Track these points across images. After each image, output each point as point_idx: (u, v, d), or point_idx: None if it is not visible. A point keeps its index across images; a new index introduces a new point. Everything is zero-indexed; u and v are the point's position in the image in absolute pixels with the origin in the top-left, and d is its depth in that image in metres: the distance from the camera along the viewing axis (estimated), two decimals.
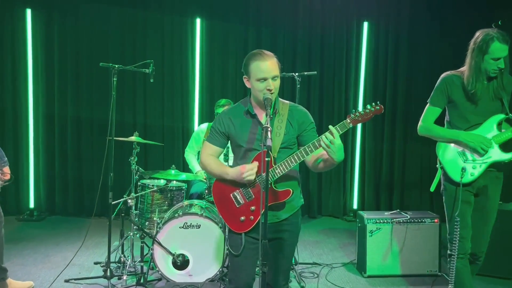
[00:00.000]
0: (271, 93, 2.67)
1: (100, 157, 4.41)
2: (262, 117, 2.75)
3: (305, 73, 4.81)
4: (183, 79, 6.79)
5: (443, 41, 6.80)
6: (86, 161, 6.73)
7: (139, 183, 4.81)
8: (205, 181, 4.77)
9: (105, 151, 4.27)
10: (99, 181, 4.28)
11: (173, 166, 4.68)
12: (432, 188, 3.47)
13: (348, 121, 2.56)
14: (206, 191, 4.71)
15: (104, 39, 6.65)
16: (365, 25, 6.91)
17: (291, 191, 2.68)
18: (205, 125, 5.39)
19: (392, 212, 4.81)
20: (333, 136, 2.47)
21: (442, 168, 3.38)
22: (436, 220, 4.67)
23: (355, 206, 7.07)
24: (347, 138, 6.89)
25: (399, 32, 6.91)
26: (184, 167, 6.37)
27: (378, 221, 4.63)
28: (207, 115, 6.68)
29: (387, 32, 6.93)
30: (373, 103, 2.59)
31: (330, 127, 2.51)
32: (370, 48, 6.93)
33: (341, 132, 2.53)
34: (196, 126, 6.70)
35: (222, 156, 3.71)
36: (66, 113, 6.69)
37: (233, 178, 2.72)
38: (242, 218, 2.75)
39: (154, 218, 4.61)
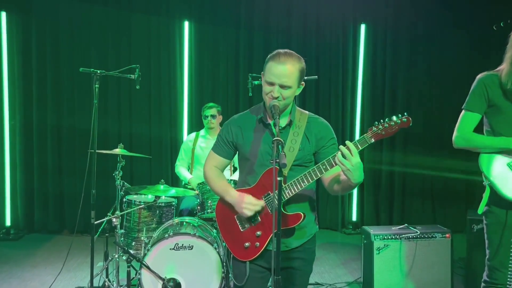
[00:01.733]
0: (278, 101, 2.31)
1: (83, 169, 4.05)
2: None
3: (305, 77, 4.44)
4: (170, 86, 6.42)
5: (444, 44, 6.54)
6: (67, 174, 6.28)
7: (124, 200, 4.41)
8: (197, 195, 4.37)
9: (95, 163, 3.92)
10: (82, 196, 3.93)
11: (162, 180, 4.28)
12: (480, 210, 2.93)
13: (369, 135, 2.20)
14: (199, 207, 4.31)
15: (86, 42, 6.25)
16: (362, 27, 6.60)
17: (302, 215, 2.32)
18: (193, 135, 5.07)
19: (399, 227, 4.46)
20: (350, 153, 2.11)
21: (489, 185, 2.87)
22: (447, 235, 4.36)
23: (354, 218, 6.72)
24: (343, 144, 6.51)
25: (398, 35, 6.61)
26: (173, 181, 5.98)
27: (385, 237, 4.29)
28: (196, 123, 6.29)
29: (386, 35, 6.63)
30: (400, 115, 2.23)
31: (347, 142, 2.16)
32: (368, 52, 6.62)
33: (360, 148, 2.17)
34: (185, 135, 6.33)
35: None
36: (46, 122, 6.25)
37: (232, 203, 2.39)
38: (247, 244, 2.41)
39: (142, 238, 4.23)
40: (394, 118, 2.20)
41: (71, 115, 6.27)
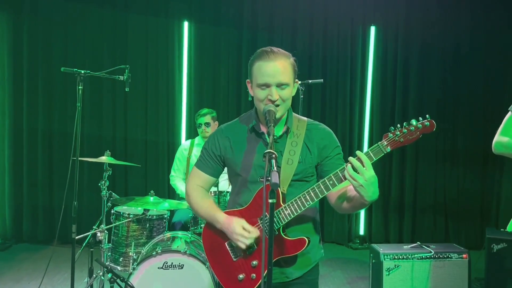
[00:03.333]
0: (276, 105, 1.97)
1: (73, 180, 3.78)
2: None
3: (310, 81, 4.12)
4: (168, 90, 6.09)
5: (458, 47, 6.15)
6: (58, 183, 5.92)
7: (112, 211, 4.07)
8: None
9: (77, 171, 3.67)
10: (62, 208, 3.81)
11: (152, 192, 3.91)
12: (509, 228, 2.64)
13: (385, 143, 1.86)
14: (192, 221, 3.98)
15: (80, 43, 5.94)
16: (372, 29, 6.22)
17: (307, 240, 1.97)
18: (187, 143, 4.70)
19: (412, 245, 4.10)
20: (362, 165, 1.75)
21: None
22: (465, 256, 4.00)
23: (361, 231, 6.33)
24: (352, 154, 6.11)
25: (410, 37, 6.20)
26: (170, 192, 5.62)
27: (396, 257, 3.93)
28: (195, 130, 5.94)
29: (397, 37, 6.24)
30: (420, 118, 1.88)
31: (358, 152, 1.83)
32: (378, 55, 6.24)
33: (374, 159, 1.85)
34: (183, 142, 5.97)
35: None
36: (37, 127, 5.92)
37: (223, 230, 2.04)
38: (241, 276, 2.05)
39: (130, 253, 3.90)
40: (414, 122, 1.86)
41: (63, 120, 5.94)
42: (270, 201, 1.59)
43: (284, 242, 1.98)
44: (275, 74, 1.97)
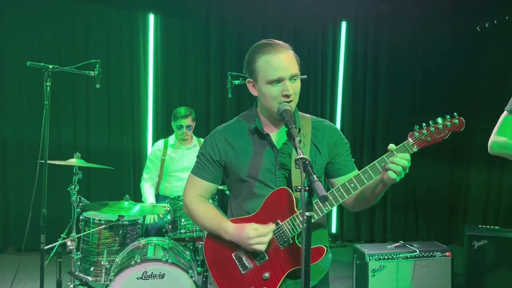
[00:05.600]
0: (290, 101, 1.85)
1: (31, 183, 3.47)
2: (276, 137, 1.93)
3: None
4: (133, 86, 5.77)
5: (428, 43, 6.19)
6: (14, 188, 5.50)
7: (81, 217, 3.77)
8: (168, 211, 3.77)
9: (46, 175, 3.42)
10: (30, 216, 3.51)
11: (127, 196, 3.64)
12: None
13: (411, 142, 1.78)
14: (170, 226, 3.73)
15: (36, 36, 5.50)
16: (343, 25, 6.17)
17: (325, 248, 1.87)
18: (161, 143, 4.40)
19: (395, 245, 4.07)
20: (406, 161, 1.74)
21: None
22: (448, 254, 4.01)
23: (333, 230, 6.27)
24: None
25: (381, 33, 6.19)
26: (137, 196, 5.34)
27: (381, 257, 3.88)
28: (162, 130, 5.67)
29: (367, 33, 6.21)
30: (448, 116, 1.79)
31: (391, 146, 1.79)
32: (349, 51, 6.20)
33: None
34: (149, 142, 5.70)
35: None
36: None
37: (234, 240, 1.87)
38: None
39: (102, 262, 3.63)
40: (440, 120, 1.77)
41: (19, 120, 5.50)
42: (307, 214, 1.42)
43: (301, 252, 1.83)
44: (287, 66, 1.84)
